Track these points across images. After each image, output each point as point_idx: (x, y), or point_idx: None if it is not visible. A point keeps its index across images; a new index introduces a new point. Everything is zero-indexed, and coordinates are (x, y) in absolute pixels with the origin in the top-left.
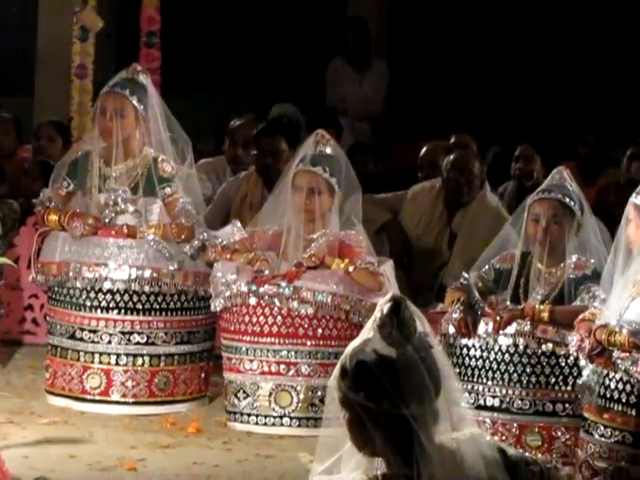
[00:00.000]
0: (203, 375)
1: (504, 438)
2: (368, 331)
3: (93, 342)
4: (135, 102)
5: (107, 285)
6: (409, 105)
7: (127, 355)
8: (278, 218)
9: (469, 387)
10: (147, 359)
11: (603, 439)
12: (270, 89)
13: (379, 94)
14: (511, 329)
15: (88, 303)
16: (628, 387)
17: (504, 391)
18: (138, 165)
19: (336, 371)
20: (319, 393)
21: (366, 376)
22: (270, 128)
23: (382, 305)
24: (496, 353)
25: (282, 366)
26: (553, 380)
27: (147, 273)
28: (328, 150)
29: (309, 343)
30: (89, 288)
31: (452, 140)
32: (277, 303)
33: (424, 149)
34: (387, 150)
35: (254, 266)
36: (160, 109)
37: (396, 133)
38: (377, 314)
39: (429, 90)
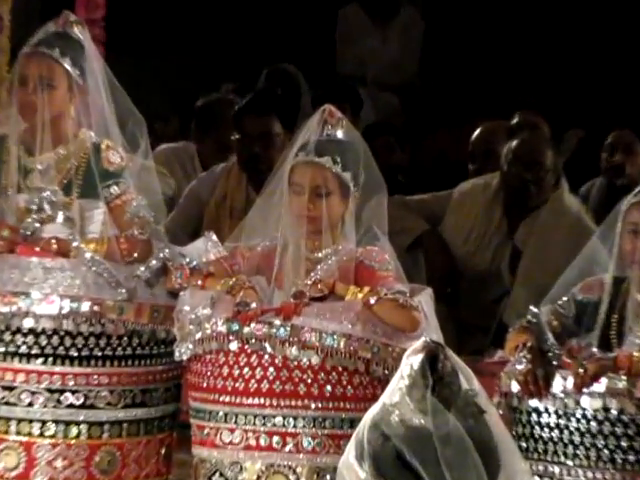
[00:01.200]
0: (163, 451)
1: None
2: (393, 393)
3: (8, 404)
4: (68, 66)
5: (28, 323)
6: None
7: (56, 422)
8: (270, 229)
9: (541, 468)
10: (84, 428)
11: None
12: (258, 50)
13: (410, 54)
14: (600, 386)
15: (1, 349)
16: None
17: (590, 474)
18: (72, 154)
19: (350, 450)
20: (328, 477)
21: (393, 458)
22: (258, 103)
23: (411, 356)
24: (578, 420)
25: (275, 438)
26: None
27: (85, 306)
28: (339, 134)
29: (314, 406)
30: (3, 327)
31: (515, 120)
32: (268, 349)
33: (476, 132)
34: (422, 133)
35: (236, 297)
36: (104, 76)
37: (435, 109)
38: (405, 369)
39: (480, 48)
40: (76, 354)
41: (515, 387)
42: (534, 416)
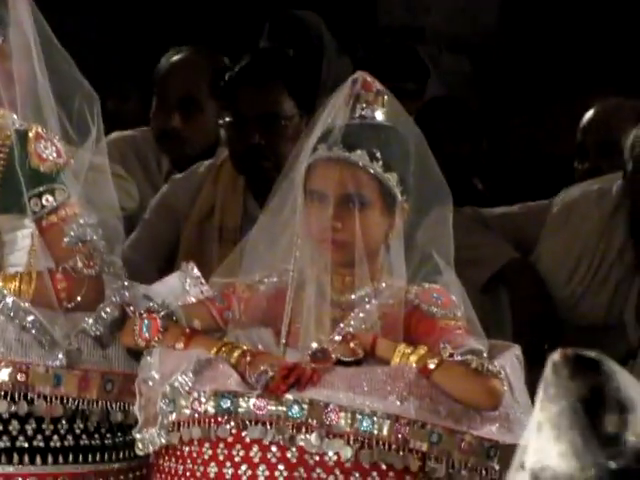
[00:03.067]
0: None
1: None
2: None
3: None
4: None
5: None
6: None
7: None
8: (278, 258)
9: None
10: None
11: None
12: None
13: None
14: None
15: None
16: None
17: None
18: None
19: None
20: None
21: None
22: (258, 70)
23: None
24: None
25: None
26: None
27: (4, 374)
28: (379, 115)
29: None
30: None
31: None
32: (275, 436)
33: (589, 114)
34: (506, 114)
35: (251, 369)
36: (33, 28)
37: (525, 78)
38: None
39: None
40: None
41: None
42: None
